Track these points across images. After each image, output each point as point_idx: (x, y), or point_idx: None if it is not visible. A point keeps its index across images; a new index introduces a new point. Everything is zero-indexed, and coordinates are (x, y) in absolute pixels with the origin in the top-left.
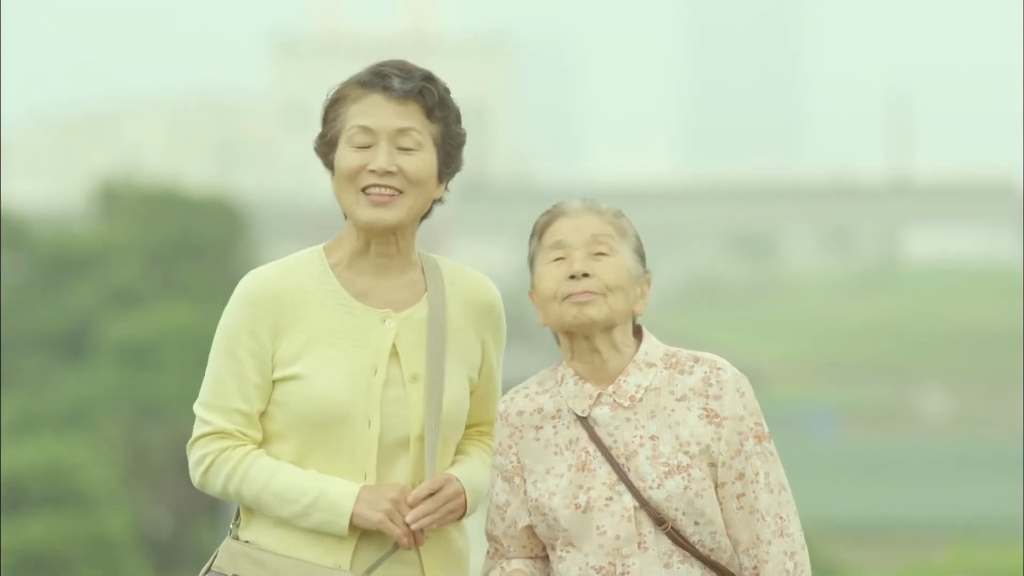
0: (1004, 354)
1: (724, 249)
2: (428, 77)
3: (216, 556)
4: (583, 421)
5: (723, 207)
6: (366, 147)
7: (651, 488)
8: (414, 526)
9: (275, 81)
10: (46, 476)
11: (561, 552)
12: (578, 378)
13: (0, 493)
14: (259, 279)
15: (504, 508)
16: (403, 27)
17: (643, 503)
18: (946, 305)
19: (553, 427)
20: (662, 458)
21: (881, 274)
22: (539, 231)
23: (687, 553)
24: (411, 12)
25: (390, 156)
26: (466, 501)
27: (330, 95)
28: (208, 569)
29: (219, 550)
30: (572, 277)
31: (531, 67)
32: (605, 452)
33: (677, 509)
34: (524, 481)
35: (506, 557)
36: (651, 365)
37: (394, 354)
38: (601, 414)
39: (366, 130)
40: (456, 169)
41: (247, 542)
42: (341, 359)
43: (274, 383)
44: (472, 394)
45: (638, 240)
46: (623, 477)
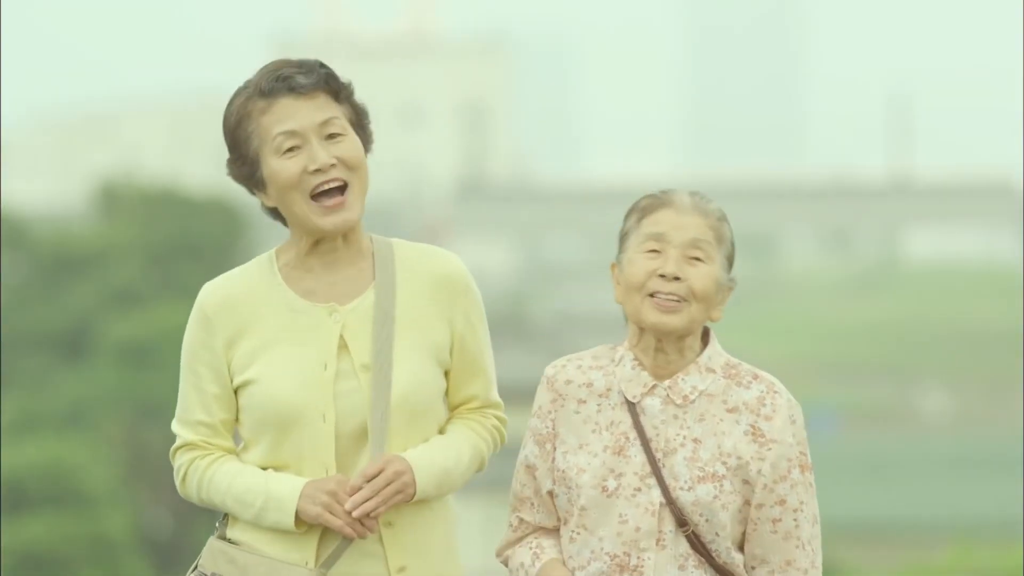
0: (1004, 354)
1: None
2: (322, 64)
3: (202, 555)
4: (631, 406)
5: (723, 207)
6: (296, 150)
7: (681, 489)
8: (355, 513)
9: None
10: (46, 476)
11: (573, 533)
12: (636, 363)
13: (0, 493)
14: (209, 291)
15: (533, 470)
16: (403, 27)
17: (670, 501)
18: (946, 305)
19: (597, 405)
20: (699, 463)
21: (881, 274)
22: (641, 213)
23: (702, 559)
24: (411, 12)
25: (325, 149)
26: (414, 480)
27: (231, 118)
28: (195, 567)
29: (204, 549)
30: (662, 276)
31: (531, 67)
32: (645, 443)
33: (701, 515)
34: (555, 449)
35: (535, 525)
36: (711, 371)
37: (343, 346)
38: (651, 405)
39: (292, 134)
40: (371, 140)
41: (229, 540)
42: (290, 358)
43: (236, 391)
44: (449, 374)
45: (732, 247)
46: (656, 471)
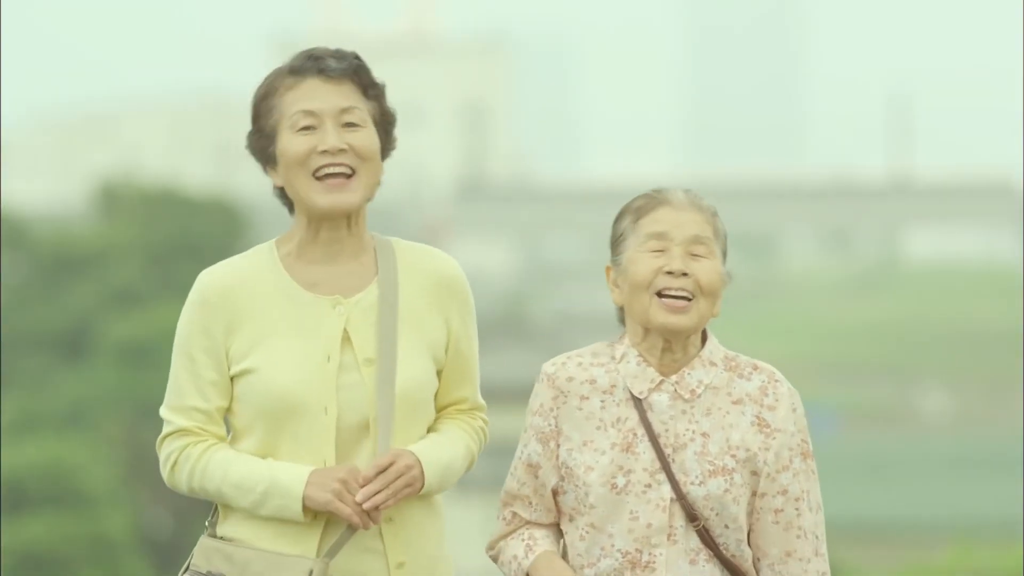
0: (1004, 354)
1: None
2: (357, 57)
3: (192, 555)
4: (637, 403)
5: (723, 207)
6: (311, 130)
7: (692, 484)
8: (365, 505)
9: None
10: (46, 476)
11: (583, 531)
12: (642, 360)
13: (0, 493)
14: (210, 277)
15: (536, 468)
16: (403, 27)
17: (680, 496)
18: (946, 305)
19: (601, 401)
20: (709, 456)
21: (881, 274)
22: (637, 213)
23: (712, 553)
24: (411, 12)
25: (338, 134)
26: (423, 474)
27: (259, 90)
28: (186, 568)
29: (196, 548)
30: (670, 273)
31: (531, 67)
32: (653, 439)
33: (712, 509)
34: (559, 447)
35: (529, 521)
36: (713, 364)
37: (346, 339)
38: (659, 400)
39: (309, 113)
40: (392, 147)
41: (221, 538)
42: (293, 349)
43: (233, 379)
44: (441, 373)
45: (726, 241)
46: (666, 467)
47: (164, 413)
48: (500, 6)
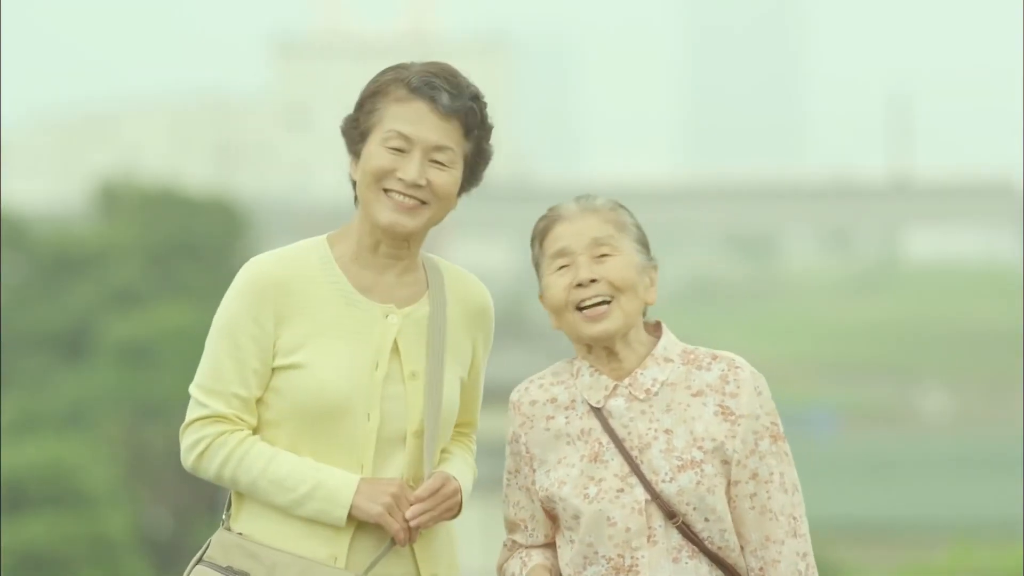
0: (1004, 354)
1: (724, 249)
2: (476, 96)
3: (208, 546)
4: (597, 412)
5: (723, 207)
6: (399, 152)
7: (663, 481)
8: (413, 523)
9: (275, 81)
10: (46, 476)
11: (568, 543)
12: (594, 370)
13: (0, 493)
14: (263, 266)
15: (521, 494)
16: (403, 27)
17: (655, 496)
18: (946, 305)
19: (566, 417)
20: (676, 452)
21: (881, 274)
22: (539, 237)
23: (696, 549)
24: (411, 12)
25: (422, 169)
26: (461, 501)
27: (372, 85)
28: (199, 560)
29: (211, 540)
30: (579, 285)
31: (531, 67)
32: (618, 444)
33: (688, 504)
34: (534, 471)
35: (527, 546)
36: (668, 360)
37: (395, 350)
38: (616, 406)
39: (404, 137)
40: (476, 184)
41: (240, 533)
42: (343, 351)
43: (273, 371)
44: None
45: (639, 229)
46: (635, 469)
47: (198, 395)
48: (500, 6)
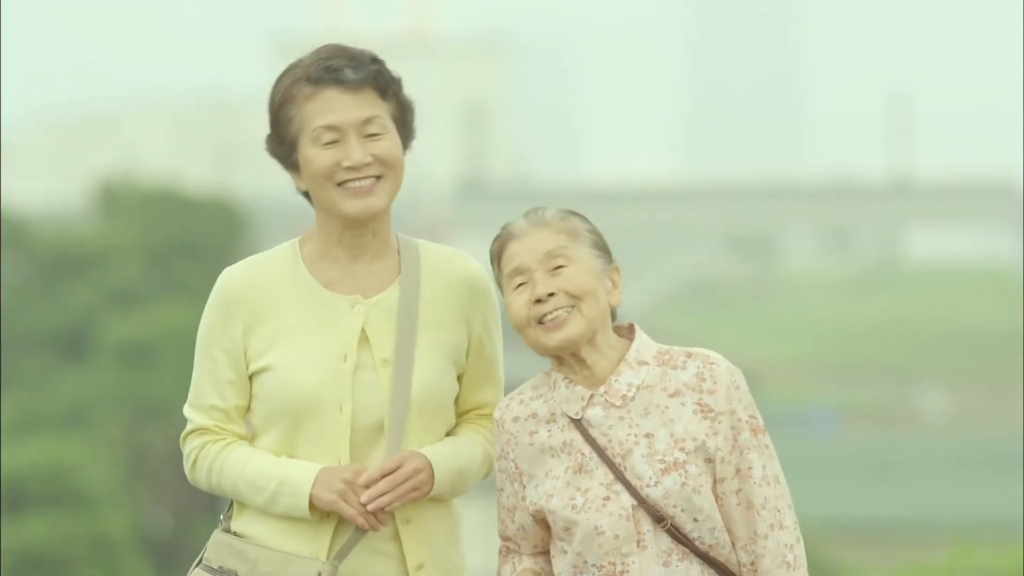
0: (1004, 354)
1: (724, 249)
2: (374, 58)
3: (206, 548)
4: (577, 423)
5: (723, 207)
6: (334, 144)
7: (648, 486)
8: (370, 506)
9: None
10: (46, 476)
11: (562, 553)
12: (569, 381)
13: (0, 493)
14: (230, 276)
15: (513, 511)
16: (403, 27)
17: (641, 501)
18: (946, 305)
19: (548, 431)
20: (658, 455)
21: (881, 274)
22: (495, 257)
23: (686, 550)
24: (411, 12)
25: (362, 147)
26: (433, 477)
27: (276, 96)
28: (199, 562)
29: (209, 542)
30: (538, 301)
31: (531, 67)
32: (600, 453)
33: (675, 506)
34: (524, 487)
35: (519, 554)
36: (643, 363)
37: (364, 340)
38: (594, 415)
39: (331, 128)
40: (413, 136)
41: (235, 533)
42: (309, 347)
43: (251, 377)
44: (462, 377)
45: (594, 234)
46: (620, 476)
47: (186, 411)
48: (500, 6)
